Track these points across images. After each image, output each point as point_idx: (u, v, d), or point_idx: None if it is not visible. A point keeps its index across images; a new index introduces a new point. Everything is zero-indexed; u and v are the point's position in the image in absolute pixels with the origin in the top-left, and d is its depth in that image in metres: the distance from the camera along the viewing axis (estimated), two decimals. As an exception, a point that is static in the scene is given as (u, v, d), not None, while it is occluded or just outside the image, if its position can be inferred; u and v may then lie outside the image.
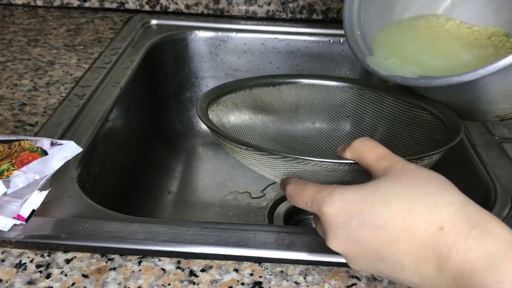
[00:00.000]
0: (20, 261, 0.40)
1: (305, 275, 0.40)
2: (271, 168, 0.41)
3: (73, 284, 0.38)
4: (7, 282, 0.38)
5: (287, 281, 0.39)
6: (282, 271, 0.40)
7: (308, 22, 0.91)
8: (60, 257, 0.41)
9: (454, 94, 0.45)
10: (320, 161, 0.38)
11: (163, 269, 0.40)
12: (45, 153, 0.47)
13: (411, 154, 0.41)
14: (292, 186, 0.38)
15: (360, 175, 0.38)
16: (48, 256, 0.41)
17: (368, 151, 0.36)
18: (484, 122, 0.61)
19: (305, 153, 0.53)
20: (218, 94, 0.51)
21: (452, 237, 0.30)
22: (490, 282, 0.28)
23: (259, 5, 0.91)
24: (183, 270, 0.40)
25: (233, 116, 0.53)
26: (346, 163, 0.37)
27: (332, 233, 0.34)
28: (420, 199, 0.32)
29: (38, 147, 0.47)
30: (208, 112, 0.48)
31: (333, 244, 0.35)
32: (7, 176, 0.43)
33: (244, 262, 0.41)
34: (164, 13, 0.92)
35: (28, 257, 0.41)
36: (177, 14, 0.92)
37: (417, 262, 0.31)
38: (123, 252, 0.41)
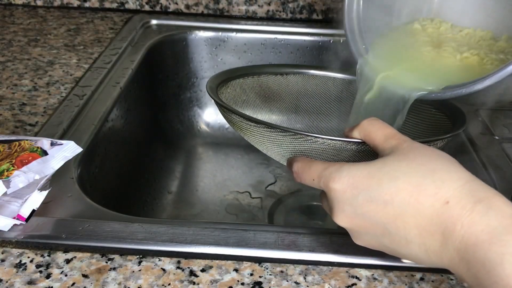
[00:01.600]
0: (20, 261, 0.40)
1: (305, 275, 0.40)
2: (278, 146, 0.41)
3: (73, 284, 0.38)
4: (7, 282, 0.38)
5: (287, 281, 0.39)
6: (282, 271, 0.40)
7: (308, 22, 0.91)
8: (60, 257, 0.41)
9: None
10: (328, 139, 0.38)
11: (163, 269, 0.40)
12: (45, 153, 0.47)
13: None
14: (299, 164, 0.38)
15: (367, 156, 0.39)
16: (48, 256, 0.41)
17: (376, 130, 0.37)
18: None
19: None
20: (227, 77, 0.52)
21: (457, 211, 0.30)
22: (493, 254, 0.29)
23: (259, 5, 0.91)
24: (183, 270, 0.40)
25: (240, 100, 0.54)
26: (354, 142, 0.38)
27: (339, 208, 0.35)
28: (427, 175, 0.32)
29: (38, 147, 0.47)
30: (218, 93, 0.49)
31: (339, 219, 0.35)
32: (7, 176, 0.43)
33: (244, 262, 0.41)
34: (164, 13, 0.92)
35: (28, 257, 0.41)
36: (177, 14, 0.92)
37: (423, 236, 0.32)
38: (123, 252, 0.41)
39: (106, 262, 0.40)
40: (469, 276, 0.30)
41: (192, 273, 0.40)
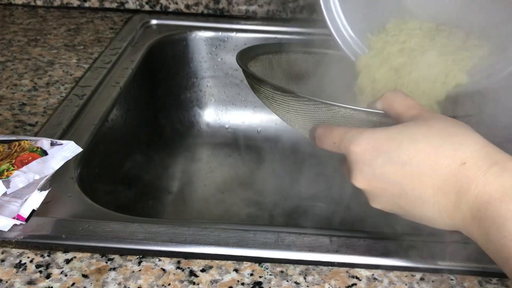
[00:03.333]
0: (20, 261, 0.40)
1: (305, 275, 0.40)
2: (302, 115, 0.42)
3: (73, 284, 0.38)
4: (7, 282, 0.38)
5: (287, 281, 0.39)
6: (282, 271, 0.40)
7: (308, 22, 0.91)
8: (60, 257, 0.41)
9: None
10: (352, 109, 0.39)
11: (163, 269, 0.40)
12: (45, 153, 0.47)
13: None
14: (322, 129, 0.40)
15: None
16: (48, 256, 0.41)
17: (399, 101, 0.38)
18: None
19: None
20: (256, 52, 0.53)
21: (473, 172, 0.32)
22: (503, 211, 0.30)
23: (259, 5, 0.91)
24: (183, 270, 0.40)
25: (268, 76, 0.55)
26: (376, 113, 0.39)
27: (358, 170, 0.36)
28: (446, 138, 0.34)
29: (38, 147, 0.47)
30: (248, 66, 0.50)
31: (357, 181, 0.36)
32: (7, 176, 0.43)
33: (244, 262, 0.41)
34: (164, 13, 0.92)
35: (28, 257, 0.41)
36: (177, 14, 0.92)
37: (438, 196, 0.33)
38: (123, 252, 0.41)
39: (106, 262, 0.40)
40: (479, 233, 0.32)
41: (192, 273, 0.40)
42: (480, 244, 0.33)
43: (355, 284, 0.39)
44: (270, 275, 0.40)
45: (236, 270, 0.40)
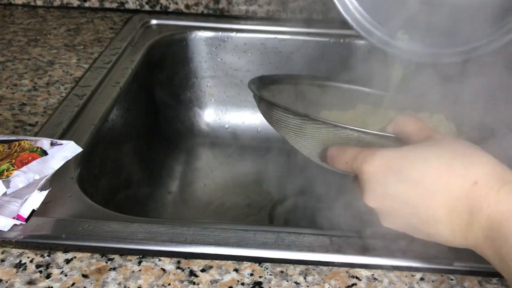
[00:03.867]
0: (20, 261, 0.40)
1: (305, 275, 0.40)
2: (313, 138, 0.43)
3: (73, 284, 0.38)
4: (7, 282, 0.38)
5: (287, 281, 0.39)
6: (282, 271, 0.40)
7: (308, 22, 0.91)
8: (60, 257, 0.41)
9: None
10: (364, 132, 0.39)
11: (163, 269, 0.40)
12: (45, 153, 0.47)
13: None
14: (334, 148, 0.40)
15: None
16: (48, 256, 0.41)
17: (410, 124, 0.39)
18: None
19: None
20: (267, 81, 0.55)
21: (485, 191, 0.32)
22: None
23: (259, 5, 0.91)
24: (183, 270, 0.40)
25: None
26: (387, 136, 0.39)
27: (370, 189, 0.36)
28: (458, 157, 0.34)
29: (38, 147, 0.47)
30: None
31: (370, 200, 0.36)
32: (7, 176, 0.43)
33: (244, 262, 0.41)
34: (164, 13, 0.92)
35: (28, 257, 0.41)
36: (177, 14, 0.92)
37: (451, 215, 0.33)
38: (123, 252, 0.41)
39: (106, 262, 0.40)
40: (492, 253, 0.32)
41: (192, 273, 0.40)
42: (493, 264, 0.33)
43: (355, 284, 0.39)
44: (270, 275, 0.40)
45: (236, 270, 0.40)
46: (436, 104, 0.50)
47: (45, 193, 0.45)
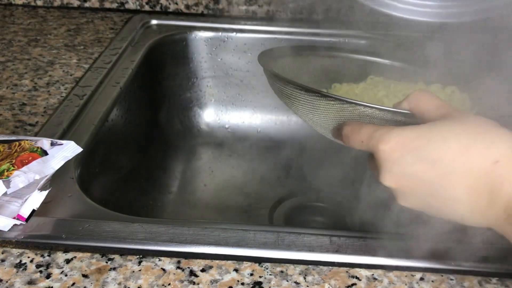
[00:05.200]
0: (20, 261, 0.40)
1: (305, 275, 0.40)
2: (325, 115, 0.42)
3: (73, 284, 0.38)
4: (7, 282, 0.38)
5: (287, 281, 0.39)
6: (282, 271, 0.40)
7: (308, 22, 0.91)
8: (60, 257, 0.41)
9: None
10: (378, 108, 0.39)
11: (163, 269, 0.40)
12: (45, 153, 0.47)
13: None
14: (350, 127, 0.39)
15: None
16: (48, 256, 0.41)
17: (427, 100, 0.37)
18: None
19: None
20: (277, 54, 0.54)
21: (507, 170, 0.31)
22: None
23: (259, 5, 0.91)
24: (183, 270, 0.40)
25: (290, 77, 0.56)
26: (402, 113, 0.38)
27: (387, 168, 0.35)
28: (478, 135, 0.33)
29: (38, 147, 0.47)
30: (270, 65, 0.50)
31: (386, 179, 0.36)
32: (7, 176, 0.43)
33: (244, 262, 0.41)
34: (164, 13, 0.92)
35: (28, 257, 0.41)
36: (177, 14, 0.92)
37: (470, 195, 0.33)
38: (123, 252, 0.41)
39: (106, 262, 0.40)
40: None
41: (192, 273, 0.40)
42: None
43: (355, 284, 0.39)
44: (270, 275, 0.40)
45: (236, 270, 0.40)
46: (448, 75, 0.48)
47: (45, 193, 0.45)
